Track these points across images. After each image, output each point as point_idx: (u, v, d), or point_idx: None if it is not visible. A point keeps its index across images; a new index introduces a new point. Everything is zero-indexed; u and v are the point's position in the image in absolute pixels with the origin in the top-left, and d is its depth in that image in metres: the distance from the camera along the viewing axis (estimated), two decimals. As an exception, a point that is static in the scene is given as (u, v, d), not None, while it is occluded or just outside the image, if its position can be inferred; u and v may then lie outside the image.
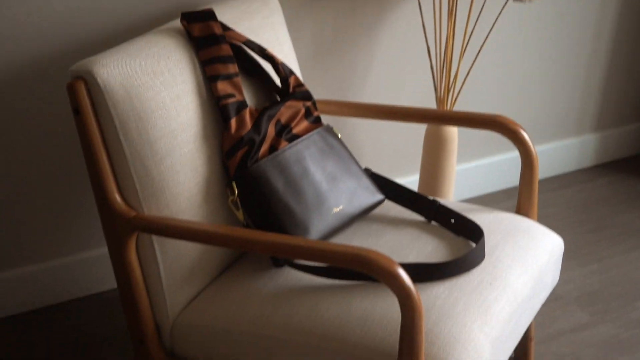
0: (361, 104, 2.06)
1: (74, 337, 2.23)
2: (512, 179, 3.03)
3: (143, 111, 1.59)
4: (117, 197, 1.61)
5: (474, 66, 2.49)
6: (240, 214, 1.70)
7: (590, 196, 3.01)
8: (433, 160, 2.45)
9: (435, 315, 1.56)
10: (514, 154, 3.00)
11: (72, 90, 1.56)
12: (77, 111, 1.57)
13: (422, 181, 2.50)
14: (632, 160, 3.29)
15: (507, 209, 2.87)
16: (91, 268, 2.36)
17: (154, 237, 1.64)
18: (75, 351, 2.18)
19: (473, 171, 2.93)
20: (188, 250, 1.68)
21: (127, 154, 1.59)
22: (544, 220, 2.84)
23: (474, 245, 1.78)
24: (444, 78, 2.39)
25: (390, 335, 1.53)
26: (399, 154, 2.76)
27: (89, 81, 1.55)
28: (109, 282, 2.40)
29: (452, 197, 2.54)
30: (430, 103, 2.70)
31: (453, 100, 2.42)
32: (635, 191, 3.05)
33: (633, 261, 2.62)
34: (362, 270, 1.42)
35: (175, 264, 1.67)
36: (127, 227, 1.61)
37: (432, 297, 1.60)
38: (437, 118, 2.01)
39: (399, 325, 1.54)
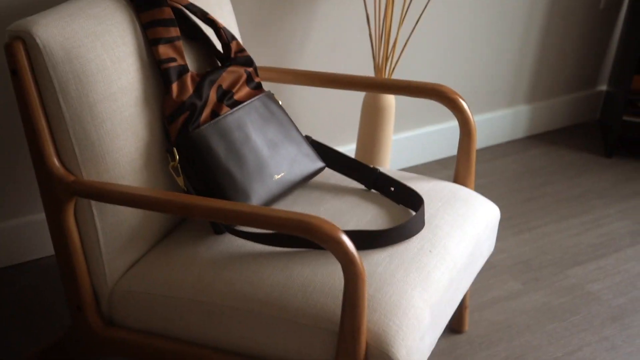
0: (301, 72, 2.06)
1: (10, 305, 2.20)
2: (447, 149, 3.07)
3: (83, 73, 1.56)
4: (56, 161, 1.59)
5: (412, 35, 2.51)
6: (180, 180, 1.69)
7: (522, 167, 3.07)
8: (370, 129, 2.47)
9: (377, 282, 1.58)
10: (449, 125, 3.03)
11: (9, 51, 1.52)
12: (15, 72, 1.53)
13: (359, 150, 2.51)
14: (563, 131, 3.35)
15: (442, 179, 2.91)
16: (27, 234, 2.33)
17: (93, 203, 1.63)
18: (11, 319, 2.15)
19: (408, 141, 2.96)
20: (127, 216, 1.67)
21: (66, 117, 1.56)
22: (478, 190, 2.89)
23: (413, 213, 1.80)
24: (382, 46, 2.40)
25: (332, 302, 1.54)
26: (336, 122, 2.77)
27: (28, 42, 1.52)
28: (46, 248, 2.37)
29: (389, 166, 2.56)
30: (368, 71, 2.71)
31: (391, 69, 2.44)
32: (566, 162, 3.11)
33: (564, 230, 2.68)
34: (306, 236, 1.43)
35: (115, 230, 1.66)
36: (66, 191, 1.59)
37: (374, 264, 1.62)
38: (378, 86, 2.02)
39: (341, 291, 1.55)
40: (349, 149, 2.82)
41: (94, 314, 1.70)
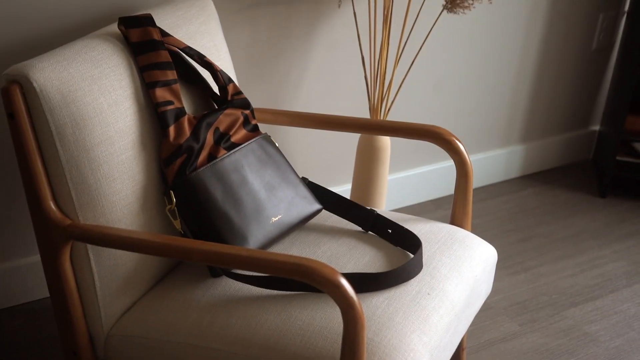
0: (297, 113, 2.07)
1: (2, 349, 2.18)
2: (441, 189, 3.08)
3: (80, 117, 1.57)
4: (52, 205, 1.59)
5: (407, 76, 2.52)
6: (177, 223, 1.69)
7: (517, 206, 3.07)
8: (366, 170, 2.47)
9: (376, 325, 1.57)
10: (444, 165, 3.04)
11: (6, 95, 1.53)
12: (12, 116, 1.54)
13: (355, 190, 2.52)
14: (557, 171, 3.36)
15: (437, 219, 2.91)
16: (21, 276, 2.31)
17: (89, 246, 1.62)
18: (0, 363, 2.13)
19: (403, 181, 2.97)
20: (124, 259, 1.67)
21: (62, 160, 1.56)
22: (473, 230, 2.89)
23: (411, 255, 1.80)
24: (377, 87, 2.41)
25: (330, 345, 1.54)
26: (332, 163, 2.77)
27: (25, 85, 1.53)
28: (39, 291, 2.35)
29: (384, 207, 2.56)
30: (363, 112, 2.72)
31: (387, 110, 2.44)
32: (559, 201, 3.12)
33: (559, 271, 2.68)
34: (304, 280, 1.42)
35: (111, 273, 1.65)
36: (62, 235, 1.59)
37: (372, 307, 1.62)
38: (373, 128, 2.03)
39: (339, 335, 1.55)
40: (344, 189, 2.82)
41: (89, 358, 1.69)
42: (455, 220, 1.98)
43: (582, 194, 3.19)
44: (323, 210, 1.96)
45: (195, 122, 1.74)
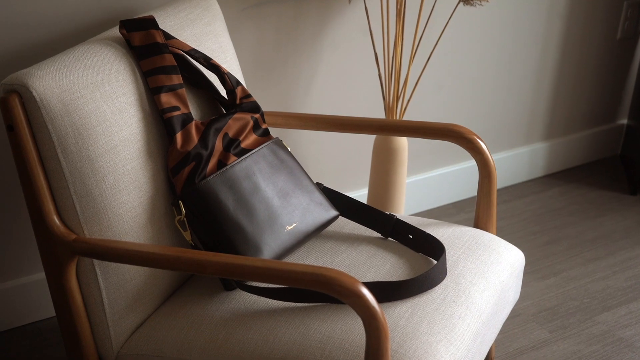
0: (309, 115, 2.06)
1: (4, 372, 2.18)
2: (463, 191, 3.07)
3: (82, 126, 1.57)
4: (56, 219, 1.59)
5: (423, 73, 2.52)
6: (187, 234, 1.69)
7: (542, 207, 3.06)
8: (383, 173, 2.46)
9: (400, 336, 1.57)
10: (465, 165, 3.03)
11: (5, 106, 1.53)
12: (11, 127, 1.54)
13: (372, 195, 2.51)
14: (583, 168, 3.35)
15: (459, 223, 2.90)
16: (26, 296, 2.31)
17: (96, 262, 1.62)
18: (6, 387, 2.13)
19: (422, 183, 2.96)
20: (133, 274, 1.66)
21: (65, 172, 1.56)
22: (497, 233, 2.87)
23: (434, 261, 1.79)
24: (392, 86, 2.41)
25: (351, 359, 1.53)
26: (347, 166, 2.77)
27: (24, 95, 1.53)
28: (45, 310, 2.36)
29: (403, 211, 2.56)
30: (378, 112, 2.72)
31: (403, 109, 2.44)
32: (587, 200, 3.11)
33: (590, 273, 2.66)
34: (323, 290, 1.42)
35: (119, 289, 1.65)
36: (67, 251, 1.59)
37: (395, 317, 1.61)
38: (389, 129, 2.02)
39: (361, 347, 1.54)
40: (360, 194, 2.81)
41: (99, 380, 1.69)
42: (479, 223, 1.97)
43: (611, 192, 3.17)
44: (340, 216, 1.95)
45: (203, 128, 1.74)
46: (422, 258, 1.81)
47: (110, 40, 1.71)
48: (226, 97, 1.87)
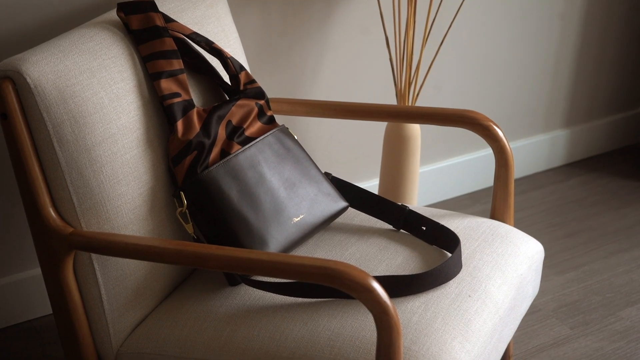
0: (316, 102, 2.06)
1: (-1, 372, 2.19)
2: (479, 181, 3.06)
3: (79, 114, 1.57)
4: (52, 212, 1.59)
5: (436, 57, 2.51)
6: (189, 227, 1.69)
7: (563, 197, 3.06)
8: (394, 162, 2.46)
9: (413, 333, 1.57)
10: (480, 154, 3.03)
11: (-3, 92, 1.53)
12: (5, 116, 1.54)
13: (383, 185, 2.51)
14: (605, 157, 3.34)
15: (475, 214, 2.89)
16: (21, 293, 2.32)
17: (94, 256, 1.62)
18: (1, 387, 2.14)
19: (436, 173, 2.96)
20: (132, 269, 1.67)
21: (62, 162, 1.56)
22: (515, 225, 2.87)
23: (448, 254, 1.79)
24: (404, 70, 2.41)
25: (363, 357, 1.53)
26: (356, 156, 2.77)
27: (18, 81, 1.53)
28: (41, 307, 2.36)
29: (416, 202, 2.55)
30: (389, 98, 2.71)
31: (415, 95, 2.44)
32: (609, 190, 3.10)
33: (613, 267, 2.66)
34: (332, 285, 1.42)
35: (118, 285, 1.66)
36: (63, 245, 1.59)
37: (408, 313, 1.61)
38: (401, 115, 2.02)
39: (372, 344, 1.54)
40: (371, 184, 2.81)
41: (98, 379, 1.70)
42: (496, 214, 1.97)
43: (635, 182, 3.16)
44: (349, 207, 1.95)
45: (205, 115, 1.74)
46: (436, 251, 1.81)
47: (107, 24, 1.71)
48: (229, 83, 1.87)
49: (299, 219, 1.75)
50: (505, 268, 1.79)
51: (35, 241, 1.62)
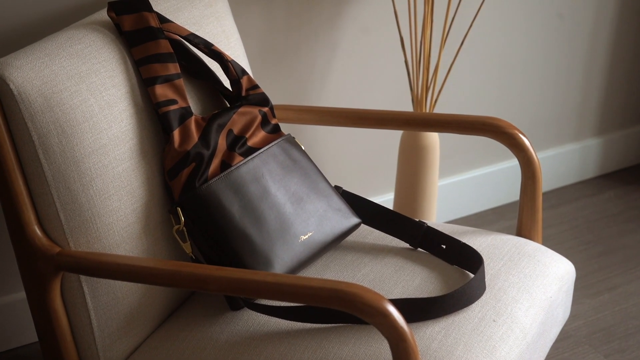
0: (325, 109, 2.07)
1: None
2: (504, 195, 3.06)
3: (67, 123, 1.58)
4: (37, 230, 1.60)
5: (456, 60, 2.52)
6: (187, 246, 1.69)
7: (595, 213, 3.06)
8: (411, 174, 2.47)
9: (432, 361, 1.57)
10: (505, 166, 3.03)
11: (-22, 100, 1.54)
12: (-14, 125, 1.55)
13: (399, 200, 2.51)
14: (641, 168, 3.35)
15: (499, 231, 2.90)
16: (3, 318, 2.32)
17: (83, 278, 1.63)
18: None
19: (456, 187, 2.96)
20: (125, 292, 1.67)
21: (48, 176, 1.57)
22: (544, 242, 2.87)
23: (471, 275, 1.79)
24: (421, 74, 2.41)
25: (377, 388, 1.54)
26: (369, 167, 2.77)
27: (0, 88, 1.53)
28: (25, 335, 2.37)
29: (435, 218, 2.56)
30: (405, 105, 2.72)
31: (433, 101, 2.44)
32: (647, 205, 3.11)
33: (651, 289, 2.66)
34: (343, 309, 1.42)
35: (110, 310, 1.66)
36: (50, 266, 1.59)
37: (427, 339, 1.61)
38: (418, 123, 2.02)
39: (388, 374, 1.54)
40: (386, 199, 2.82)
41: (88, 413, 1.70)
42: (523, 231, 1.97)
43: (675, 195, 3.17)
44: (362, 224, 1.95)
45: (204, 124, 1.74)
46: (457, 271, 1.81)
47: (97, 25, 1.72)
48: (230, 89, 1.87)
49: (306, 237, 1.75)
50: (533, 290, 1.79)
51: (18, 262, 1.63)
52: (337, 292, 1.42)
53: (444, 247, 1.84)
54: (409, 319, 1.64)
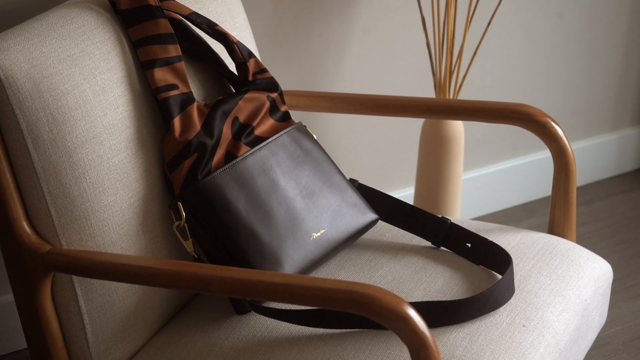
0: (340, 95, 2.07)
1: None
2: (534, 190, 3.06)
3: (58, 110, 1.57)
4: (25, 226, 1.60)
5: (482, 42, 2.51)
6: (189, 244, 1.69)
7: (634, 209, 3.06)
8: (433, 167, 2.46)
9: (456, 370, 1.57)
10: (536, 157, 3.03)
11: (-39, 85, 1.54)
12: (-30, 113, 1.55)
13: (420, 195, 2.51)
14: (686, 160, 3.34)
15: (530, 229, 2.89)
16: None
17: (76, 279, 1.63)
18: None
19: (481, 181, 2.95)
20: (122, 294, 1.67)
21: (37, 167, 1.57)
22: (578, 241, 2.87)
23: (499, 276, 1.79)
24: (444, 57, 2.41)
25: (396, 399, 1.53)
26: (388, 159, 2.77)
27: (-15, 72, 1.54)
28: (14, 341, 2.37)
29: (459, 214, 2.55)
30: (427, 91, 2.72)
31: (457, 87, 2.44)
32: (691, 201, 3.10)
33: (696, 292, 2.66)
34: (359, 312, 1.42)
35: (105, 313, 1.66)
36: (40, 265, 1.60)
37: (450, 346, 1.61)
38: (441, 110, 2.02)
39: (408, 384, 1.54)
40: (406, 194, 2.82)
41: None
42: (555, 228, 1.97)
43: None
44: (379, 220, 1.95)
45: (207, 111, 1.74)
46: (483, 272, 1.80)
47: (91, 3, 1.72)
48: (236, 73, 1.87)
49: (319, 234, 1.75)
50: (566, 292, 1.78)
51: (6, 261, 1.63)
52: (352, 294, 1.42)
53: (469, 245, 1.84)
54: (431, 324, 1.64)
